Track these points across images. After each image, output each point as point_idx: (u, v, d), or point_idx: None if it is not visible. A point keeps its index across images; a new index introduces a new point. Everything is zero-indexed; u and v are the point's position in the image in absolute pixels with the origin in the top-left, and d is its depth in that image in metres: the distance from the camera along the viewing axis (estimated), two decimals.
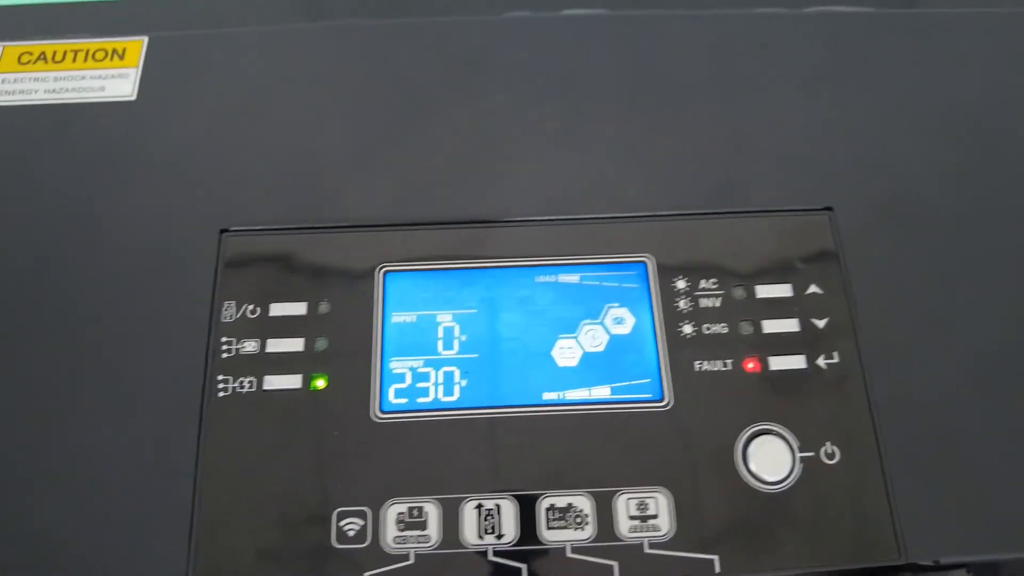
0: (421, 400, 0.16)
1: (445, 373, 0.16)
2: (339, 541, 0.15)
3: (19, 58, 0.20)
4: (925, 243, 0.18)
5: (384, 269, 0.17)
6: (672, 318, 0.17)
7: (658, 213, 0.17)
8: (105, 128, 0.19)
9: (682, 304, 0.17)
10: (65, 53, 0.20)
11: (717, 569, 0.15)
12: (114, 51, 0.20)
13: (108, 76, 0.20)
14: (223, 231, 0.17)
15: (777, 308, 0.17)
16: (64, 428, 0.16)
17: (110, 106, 0.19)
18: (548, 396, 0.16)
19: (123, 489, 0.15)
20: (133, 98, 0.19)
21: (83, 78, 0.20)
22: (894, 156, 0.19)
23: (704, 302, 0.17)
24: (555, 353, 0.17)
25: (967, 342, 0.17)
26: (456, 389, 0.16)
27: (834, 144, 0.19)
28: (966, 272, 0.17)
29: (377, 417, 0.16)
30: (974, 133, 0.19)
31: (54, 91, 0.19)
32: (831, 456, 0.16)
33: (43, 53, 0.20)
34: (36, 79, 0.20)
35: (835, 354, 0.16)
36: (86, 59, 0.20)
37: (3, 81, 0.20)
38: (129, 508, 0.15)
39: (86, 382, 0.16)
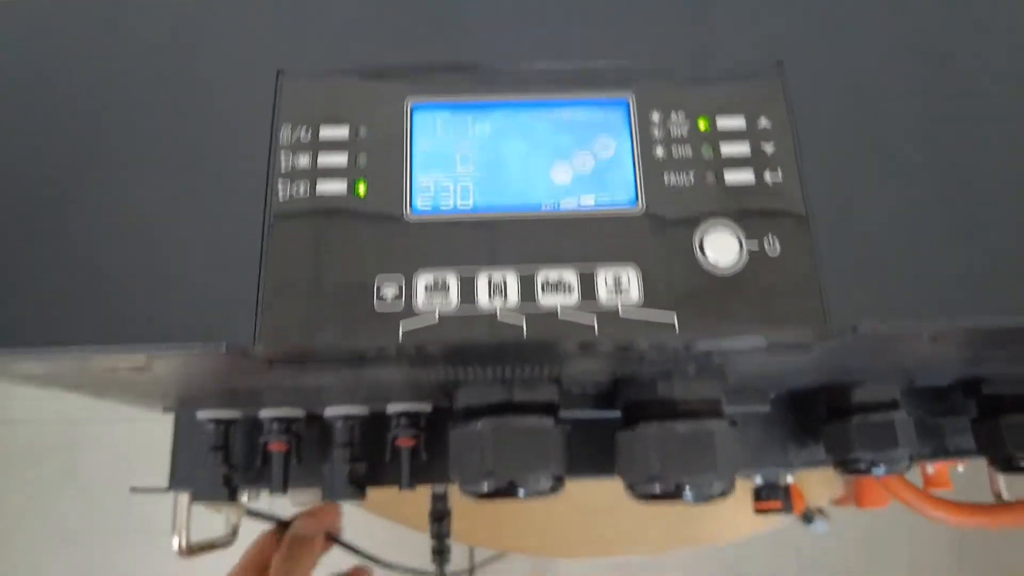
0: (443, 206, 0.20)
1: (462, 187, 0.20)
2: (379, 306, 0.19)
3: None
4: (864, 86, 0.21)
5: (411, 102, 0.21)
6: (647, 144, 0.20)
7: (637, 61, 0.21)
8: None
9: (656, 133, 0.20)
10: None
11: (676, 328, 0.19)
12: None
13: None
14: (279, 71, 0.21)
15: (733, 136, 0.20)
16: (146, 219, 0.19)
17: None
18: (545, 204, 0.20)
19: (197, 268, 0.19)
20: None
21: None
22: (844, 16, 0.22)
23: (674, 131, 0.20)
24: (551, 173, 0.20)
25: (896, 167, 0.20)
26: (471, 198, 0.20)
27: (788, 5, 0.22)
28: (897, 109, 0.21)
29: (408, 218, 0.20)
30: None
31: None
32: (772, 248, 0.19)
33: None
34: None
35: (779, 171, 0.20)
36: None
37: None
38: (205, 284, 0.19)
39: (169, 188, 0.20)
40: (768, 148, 0.20)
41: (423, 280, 0.19)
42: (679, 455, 0.26)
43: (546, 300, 0.19)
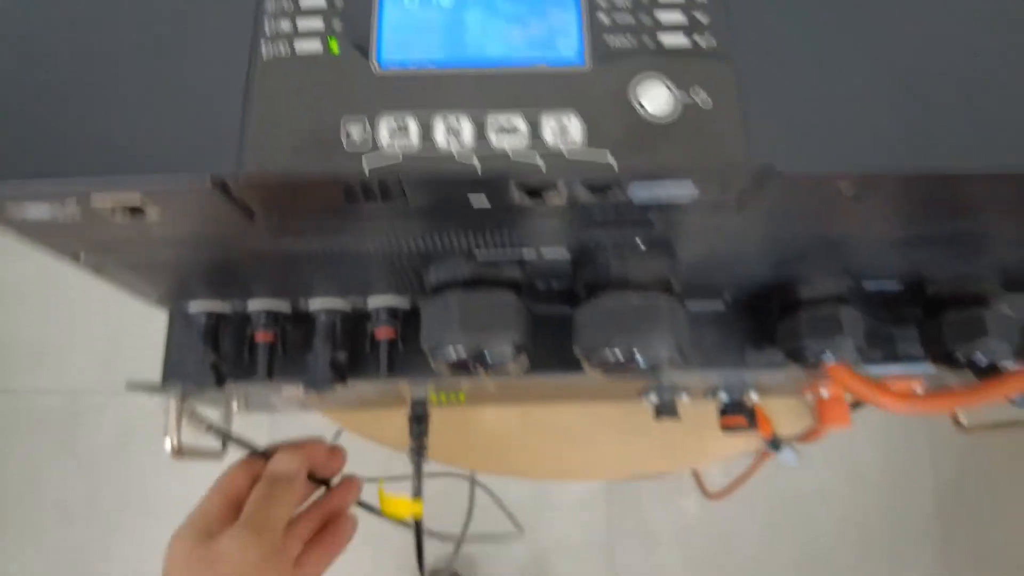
0: (407, 61, 0.22)
1: (425, 45, 0.22)
2: (348, 146, 0.21)
3: None
4: None
5: None
6: (593, 12, 0.23)
7: None
8: None
9: (601, 3, 0.23)
10: None
11: (615, 167, 0.21)
12: None
13: None
14: None
15: (670, 6, 0.23)
16: (145, 69, 0.22)
17: None
18: (499, 61, 0.22)
19: (187, 112, 0.21)
20: None
21: None
22: None
23: (617, 2, 0.23)
24: (507, 34, 0.22)
25: (821, 28, 0.23)
26: (432, 53, 0.22)
27: None
28: None
29: (374, 71, 0.22)
30: None
31: None
32: (705, 103, 0.22)
33: None
34: None
35: (712, 37, 0.22)
36: None
37: None
38: (194, 124, 0.21)
39: (168, 43, 0.22)
40: (702, 18, 0.23)
41: (385, 123, 0.21)
42: (628, 322, 0.28)
43: (498, 142, 0.21)
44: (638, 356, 0.28)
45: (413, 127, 0.21)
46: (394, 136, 0.21)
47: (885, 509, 1.14)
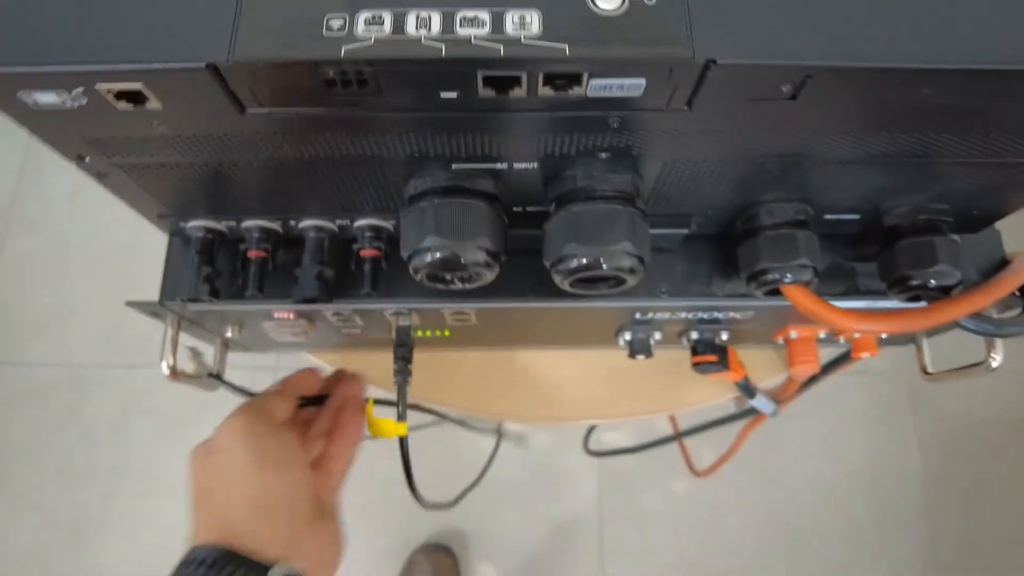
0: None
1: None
2: (327, 34, 0.23)
3: None
4: None
5: None
6: None
7: None
8: None
9: None
10: None
11: (567, 53, 0.23)
12: None
13: None
14: None
15: None
16: None
17: None
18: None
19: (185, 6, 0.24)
20: None
21: None
22: None
23: None
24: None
25: None
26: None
27: None
28: None
29: None
30: None
31: None
32: (650, 0, 0.24)
33: None
34: None
35: None
36: None
37: None
38: (191, 15, 0.24)
39: None
40: None
41: (363, 16, 0.23)
42: (590, 226, 0.30)
43: (463, 31, 0.23)
44: (600, 259, 0.30)
45: (387, 19, 0.23)
46: (369, 26, 0.23)
47: (871, 494, 1.15)
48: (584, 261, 0.30)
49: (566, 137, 0.29)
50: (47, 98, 0.25)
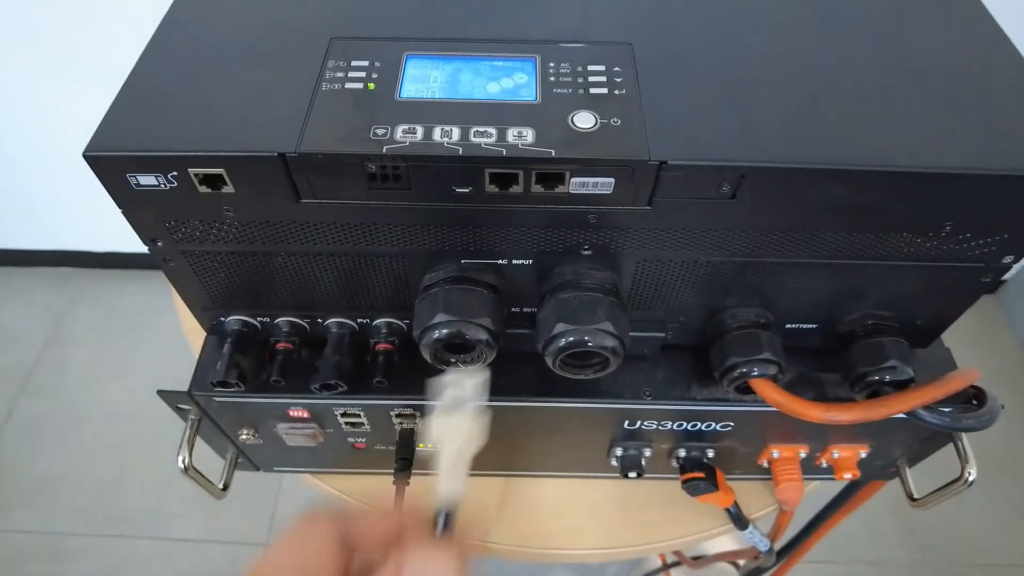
0: (418, 95, 0.33)
1: (431, 88, 0.33)
2: (373, 137, 0.31)
3: None
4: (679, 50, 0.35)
5: (407, 53, 0.35)
6: (546, 78, 0.34)
7: (542, 39, 0.36)
8: None
9: (551, 71, 0.34)
10: None
11: (553, 154, 0.30)
12: None
13: None
14: (333, 38, 0.35)
15: (596, 72, 0.34)
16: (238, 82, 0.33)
17: None
18: (480, 98, 0.33)
19: (270, 119, 0.32)
20: None
21: None
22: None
23: (562, 69, 0.34)
24: (487, 87, 0.34)
25: (701, 71, 0.33)
26: (436, 94, 0.33)
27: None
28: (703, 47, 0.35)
29: (398, 100, 0.33)
30: None
31: None
32: (616, 122, 0.32)
33: None
34: None
35: (624, 88, 0.33)
36: None
37: None
38: (270, 124, 0.31)
39: (262, 67, 0.33)
40: (617, 78, 0.34)
41: (400, 127, 0.31)
42: (576, 309, 0.35)
43: (475, 140, 0.31)
44: (585, 337, 0.35)
45: (419, 130, 0.31)
46: (405, 135, 0.31)
47: None
48: (571, 339, 0.35)
49: (554, 232, 0.35)
50: (148, 179, 0.32)
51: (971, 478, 0.44)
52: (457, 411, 0.31)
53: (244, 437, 0.47)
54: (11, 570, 1.16)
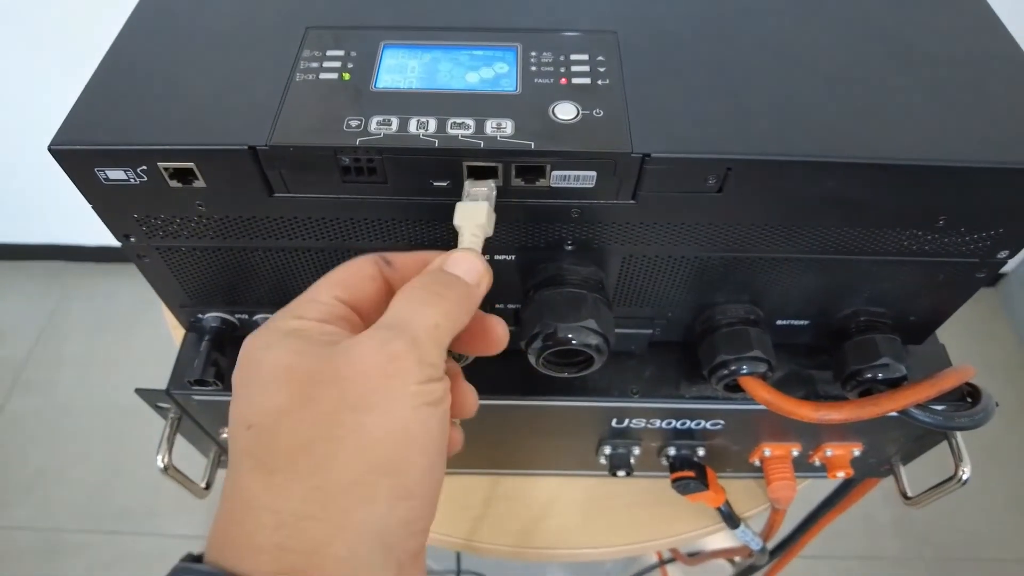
0: (394, 86, 0.32)
1: (408, 78, 0.32)
2: (346, 129, 0.30)
3: None
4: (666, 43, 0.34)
5: (384, 43, 0.34)
6: (527, 67, 0.33)
7: (524, 27, 0.35)
8: None
9: (532, 61, 0.33)
10: None
11: (532, 147, 0.29)
12: None
13: None
14: (308, 28, 0.34)
15: (578, 62, 0.33)
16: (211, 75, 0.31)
17: None
18: (459, 88, 0.32)
19: (241, 109, 0.31)
20: None
21: None
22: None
23: (544, 58, 0.33)
24: (467, 78, 0.32)
25: (684, 66, 0.32)
26: (413, 84, 0.32)
27: None
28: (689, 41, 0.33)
29: (373, 91, 0.31)
30: None
31: None
32: (599, 113, 0.31)
33: None
34: None
35: (607, 79, 0.32)
36: None
37: None
38: (241, 113, 0.30)
39: (235, 56, 0.32)
40: (600, 68, 0.33)
41: (375, 119, 0.30)
42: (560, 310, 0.34)
43: (452, 132, 0.30)
44: (568, 334, 0.34)
45: (394, 121, 0.30)
46: (380, 127, 0.30)
47: None
48: (554, 337, 0.34)
49: (536, 227, 0.34)
50: (116, 174, 0.31)
51: (965, 477, 0.43)
52: (476, 202, 0.30)
53: (226, 435, 0.46)
54: (4, 567, 1.15)
